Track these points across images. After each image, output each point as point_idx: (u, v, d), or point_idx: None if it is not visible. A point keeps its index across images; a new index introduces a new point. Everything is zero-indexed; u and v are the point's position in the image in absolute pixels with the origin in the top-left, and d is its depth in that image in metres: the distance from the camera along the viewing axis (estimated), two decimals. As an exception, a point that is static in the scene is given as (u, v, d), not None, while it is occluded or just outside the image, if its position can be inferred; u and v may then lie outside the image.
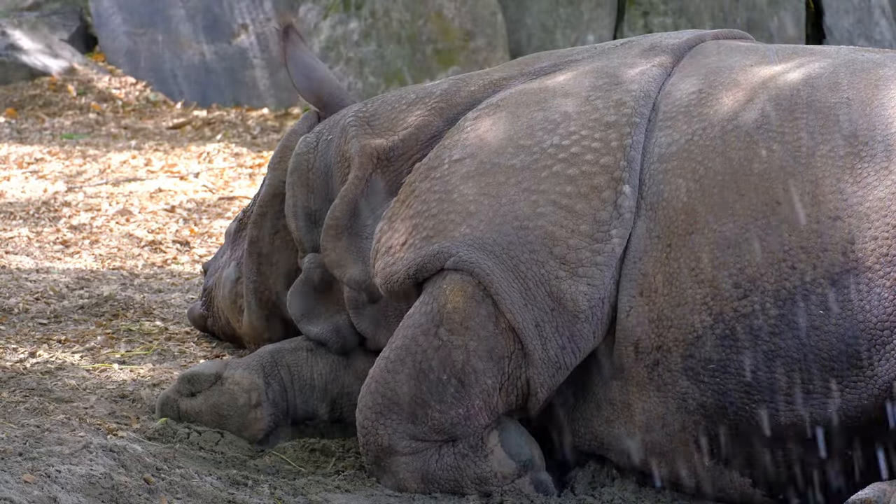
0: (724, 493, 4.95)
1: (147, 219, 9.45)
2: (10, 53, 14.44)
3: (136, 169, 11.31)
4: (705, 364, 4.80)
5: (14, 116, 13.54)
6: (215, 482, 4.90)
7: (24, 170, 11.10)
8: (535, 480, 5.07)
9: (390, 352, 5.06)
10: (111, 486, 4.60)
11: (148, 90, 14.42)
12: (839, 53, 5.13)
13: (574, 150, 5.04)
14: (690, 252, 4.84)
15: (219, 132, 13.20)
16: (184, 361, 6.39)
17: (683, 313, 4.81)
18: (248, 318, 6.03)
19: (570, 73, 5.35)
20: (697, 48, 5.37)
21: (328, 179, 5.71)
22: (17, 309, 7.01)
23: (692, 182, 4.90)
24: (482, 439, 5.06)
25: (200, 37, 14.31)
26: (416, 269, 5.07)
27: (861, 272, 4.65)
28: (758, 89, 5.00)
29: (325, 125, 5.88)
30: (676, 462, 4.95)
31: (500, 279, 4.93)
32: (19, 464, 4.61)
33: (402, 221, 5.18)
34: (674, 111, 5.06)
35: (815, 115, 4.87)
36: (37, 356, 6.32)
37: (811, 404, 4.70)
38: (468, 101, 5.51)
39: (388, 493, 5.07)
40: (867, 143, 4.78)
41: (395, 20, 13.62)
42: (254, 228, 5.96)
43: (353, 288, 5.41)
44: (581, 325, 4.92)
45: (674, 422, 4.89)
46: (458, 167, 5.17)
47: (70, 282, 7.59)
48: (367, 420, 5.07)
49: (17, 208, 9.67)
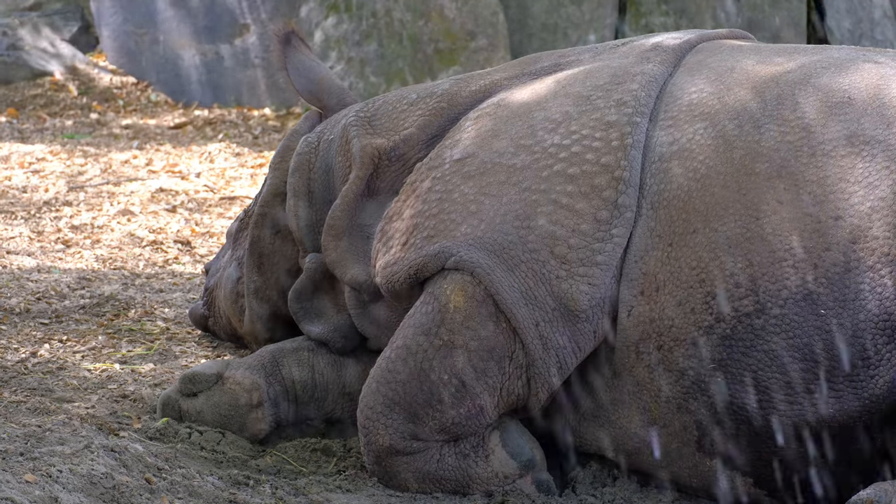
0: (725, 494, 4.95)
1: (148, 219, 9.46)
2: (12, 53, 14.44)
3: (137, 169, 11.31)
4: (706, 364, 4.80)
5: (15, 116, 13.54)
6: (216, 482, 4.90)
7: (26, 169, 11.11)
8: (536, 480, 5.07)
9: (391, 352, 5.06)
10: (112, 485, 4.60)
11: (149, 90, 14.42)
12: (840, 53, 5.12)
13: (575, 149, 5.04)
14: (691, 251, 4.83)
15: (220, 132, 13.20)
16: (185, 361, 6.39)
17: (684, 313, 4.81)
18: (250, 318, 6.04)
19: (571, 72, 5.35)
20: (699, 48, 5.37)
21: (329, 179, 5.71)
22: (18, 309, 7.02)
23: (693, 181, 4.90)
24: (483, 439, 5.06)
25: (202, 37, 14.31)
26: (417, 268, 5.07)
27: (863, 272, 4.65)
28: (759, 89, 5.00)
29: (326, 125, 5.88)
30: (677, 462, 4.95)
31: (501, 279, 4.93)
32: (21, 463, 4.61)
33: (403, 221, 5.18)
34: (675, 111, 5.06)
35: (816, 115, 4.87)
36: (38, 356, 6.32)
37: (813, 404, 4.70)
38: (469, 101, 5.51)
39: (390, 493, 5.07)
40: (869, 142, 4.78)
41: (397, 20, 13.62)
42: (255, 228, 5.96)
43: (355, 288, 5.41)
44: (582, 325, 4.92)
45: (675, 421, 4.89)
46: (458, 167, 5.17)
47: (71, 281, 7.60)
48: (368, 420, 5.07)
49: (18, 208, 9.67)
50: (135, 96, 14.29)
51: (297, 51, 6.07)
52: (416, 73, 13.53)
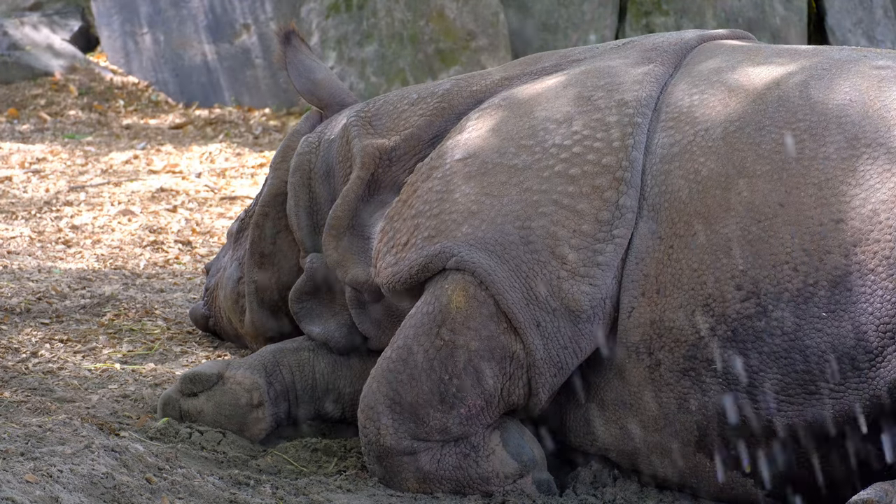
0: (725, 494, 4.95)
1: (149, 218, 9.46)
2: (12, 53, 14.45)
3: (138, 168, 11.31)
4: (707, 365, 4.80)
5: (16, 116, 13.55)
6: (217, 482, 4.90)
7: (27, 169, 11.11)
8: (536, 480, 5.07)
9: (392, 351, 5.06)
10: (113, 485, 4.60)
11: (150, 90, 14.43)
12: (841, 54, 5.12)
13: (576, 149, 5.04)
14: (692, 253, 4.84)
15: (221, 132, 13.20)
16: (186, 361, 6.39)
17: (685, 314, 4.81)
18: (250, 317, 6.04)
19: (572, 73, 5.35)
20: (699, 49, 5.37)
21: (330, 179, 5.71)
22: (19, 309, 7.02)
23: (694, 183, 4.90)
24: (484, 439, 5.06)
25: (202, 37, 14.31)
26: (418, 268, 5.07)
27: (864, 274, 4.65)
28: (760, 90, 5.00)
29: (327, 125, 5.88)
30: (678, 463, 4.95)
31: (502, 279, 4.93)
32: (21, 463, 4.61)
33: (404, 221, 5.18)
34: (676, 112, 5.06)
35: (817, 117, 4.87)
36: (39, 356, 6.32)
37: (813, 406, 4.70)
38: (470, 101, 5.51)
39: (390, 493, 5.07)
40: (870, 145, 4.77)
41: (397, 20, 13.62)
42: (256, 228, 5.96)
43: (355, 288, 5.41)
44: (583, 326, 4.92)
45: (675, 422, 4.89)
46: (459, 167, 5.17)
47: (72, 281, 7.60)
48: (368, 420, 5.07)
49: (19, 208, 9.68)
50: (135, 96, 14.29)
51: (298, 51, 6.08)
52: (417, 74, 13.53)
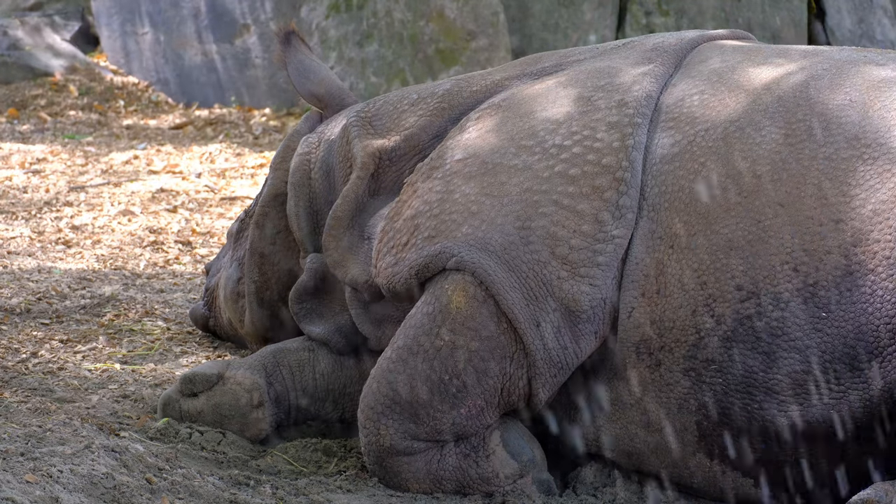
0: (726, 494, 4.95)
1: (149, 219, 9.46)
2: (12, 53, 14.45)
3: (138, 169, 11.31)
4: (707, 365, 4.80)
5: (16, 116, 13.55)
6: (217, 482, 4.90)
7: (27, 170, 11.11)
8: (537, 480, 5.07)
9: (392, 352, 5.06)
10: (113, 485, 4.60)
11: (150, 90, 14.43)
12: (841, 54, 5.12)
13: (576, 150, 5.04)
14: (692, 253, 4.84)
15: (221, 132, 13.20)
16: (186, 361, 6.39)
17: (685, 314, 4.81)
18: (250, 318, 6.04)
19: (573, 73, 5.35)
20: (699, 49, 5.37)
21: (330, 180, 5.71)
22: (19, 309, 7.02)
23: (694, 183, 4.90)
24: (484, 439, 5.06)
25: (202, 37, 14.31)
26: (418, 269, 5.07)
27: (863, 275, 4.65)
28: (760, 91, 5.00)
29: (327, 125, 5.88)
30: (678, 462, 4.95)
31: (502, 279, 4.93)
32: (21, 464, 4.61)
33: (404, 221, 5.18)
34: (676, 112, 5.06)
35: (817, 118, 4.87)
36: (39, 356, 6.32)
37: (813, 406, 4.71)
38: (470, 102, 5.51)
39: (390, 494, 5.07)
40: (870, 145, 4.77)
41: (397, 20, 13.62)
42: (256, 229, 5.96)
43: (355, 288, 5.41)
44: (583, 326, 4.92)
45: (675, 422, 4.89)
46: (460, 167, 5.17)
47: (72, 282, 7.60)
48: (368, 420, 5.07)
49: (19, 208, 9.68)
50: (135, 96, 14.29)
51: (298, 51, 6.08)
52: (417, 74, 13.53)
